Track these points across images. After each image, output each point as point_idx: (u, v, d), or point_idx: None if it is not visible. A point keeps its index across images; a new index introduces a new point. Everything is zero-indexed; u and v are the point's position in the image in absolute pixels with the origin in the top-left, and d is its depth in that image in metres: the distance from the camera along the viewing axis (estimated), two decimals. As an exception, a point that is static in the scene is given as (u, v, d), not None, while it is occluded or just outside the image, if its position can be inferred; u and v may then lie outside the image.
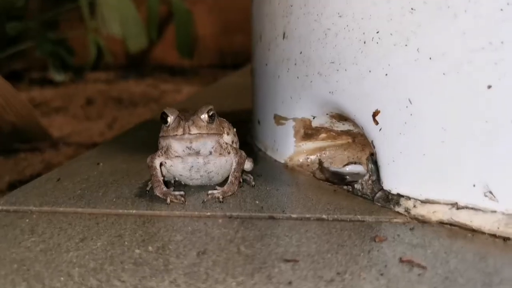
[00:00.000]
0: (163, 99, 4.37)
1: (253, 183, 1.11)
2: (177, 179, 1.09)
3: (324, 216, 0.93)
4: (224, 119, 1.09)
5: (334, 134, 1.21)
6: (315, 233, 0.86)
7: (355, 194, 1.05)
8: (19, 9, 5.72)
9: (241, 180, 1.11)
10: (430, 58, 0.88)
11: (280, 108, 1.25)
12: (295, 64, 1.16)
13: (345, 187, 1.09)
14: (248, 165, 1.14)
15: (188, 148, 0.98)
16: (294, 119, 1.22)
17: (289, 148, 1.25)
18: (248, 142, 1.49)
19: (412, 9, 0.89)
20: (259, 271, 0.72)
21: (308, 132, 1.22)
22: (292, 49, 1.17)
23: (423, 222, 0.91)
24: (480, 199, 0.87)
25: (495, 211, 0.86)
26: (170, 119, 0.95)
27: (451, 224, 0.89)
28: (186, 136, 0.93)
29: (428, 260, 0.75)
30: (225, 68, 4.97)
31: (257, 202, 1.00)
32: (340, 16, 1.02)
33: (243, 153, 1.07)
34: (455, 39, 0.85)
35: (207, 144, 0.99)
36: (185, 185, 1.09)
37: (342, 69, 1.03)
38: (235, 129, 1.12)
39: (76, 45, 5.64)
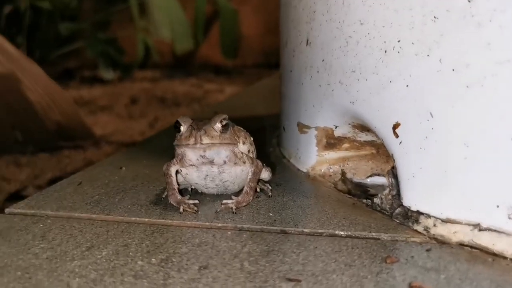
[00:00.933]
0: (206, 99, 4.40)
1: (270, 193, 1.08)
2: (193, 187, 1.08)
3: (337, 232, 0.90)
4: (241, 128, 1.07)
5: (357, 144, 1.17)
6: (324, 250, 0.82)
7: (374, 209, 1.01)
8: (72, 10, 5.91)
9: (258, 190, 1.09)
10: (453, 70, 0.83)
11: (303, 116, 1.22)
12: (318, 71, 1.13)
13: (364, 200, 1.05)
14: (265, 174, 1.12)
15: (202, 157, 0.97)
16: (316, 128, 1.18)
17: (311, 157, 1.22)
18: (274, 149, 1.46)
19: (435, 17, 0.84)
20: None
21: (331, 141, 1.19)
22: (315, 56, 1.14)
23: (442, 242, 0.86)
24: (503, 221, 0.82)
25: (520, 235, 0.80)
26: (183, 128, 0.95)
27: (471, 247, 0.84)
28: (198, 145, 0.92)
29: (439, 287, 0.71)
30: (270, 68, 4.94)
31: (271, 214, 0.98)
32: (361, 24, 0.98)
33: (260, 163, 1.05)
34: (479, 50, 0.80)
35: (221, 154, 0.97)
36: (202, 193, 1.08)
37: (362, 79, 0.99)
38: (252, 138, 1.09)
39: (125, 44, 5.78)
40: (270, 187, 1.11)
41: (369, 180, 1.16)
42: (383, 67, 0.94)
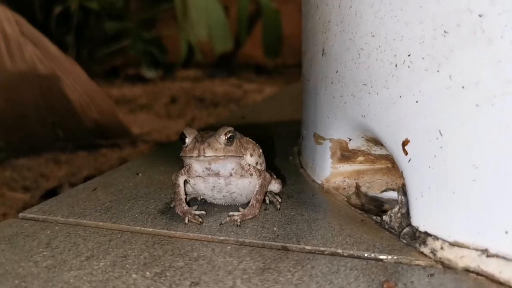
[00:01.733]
0: (244, 99, 4.41)
1: (279, 206, 1.07)
2: (202, 197, 1.08)
3: (339, 251, 0.88)
4: (250, 140, 1.07)
5: (372, 157, 1.14)
6: (321, 270, 0.81)
7: (383, 226, 0.98)
8: (119, 9, 6.05)
9: (268, 202, 1.08)
10: (462, 87, 0.79)
11: (319, 126, 1.20)
12: (332, 82, 1.11)
13: (374, 217, 1.02)
14: (275, 186, 1.10)
15: (208, 169, 0.96)
16: (331, 140, 1.16)
17: (326, 169, 1.19)
18: (294, 157, 1.45)
19: (445, 32, 0.81)
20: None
21: (345, 154, 1.16)
22: (329, 67, 1.11)
23: (448, 267, 0.82)
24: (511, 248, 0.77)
25: (528, 264, 0.76)
26: (188, 139, 0.95)
27: (477, 273, 0.80)
28: (202, 158, 0.92)
29: (434, 317, 0.68)
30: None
31: (275, 228, 0.96)
32: (373, 36, 0.95)
33: (268, 175, 1.04)
34: (490, 68, 0.76)
35: (227, 166, 0.97)
36: (211, 203, 1.08)
37: (374, 92, 0.96)
38: (261, 150, 1.08)
39: (170, 43, 5.89)
40: (279, 200, 1.10)
41: (384, 195, 1.13)
42: (394, 82, 0.91)
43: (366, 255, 0.86)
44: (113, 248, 0.88)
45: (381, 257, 0.86)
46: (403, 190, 0.96)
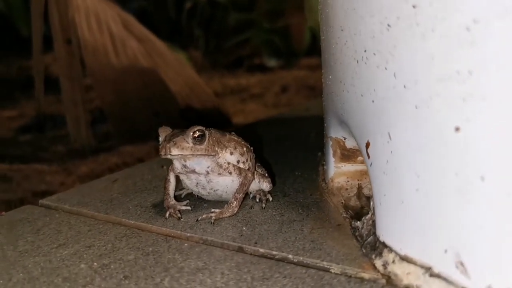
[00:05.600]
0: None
1: (264, 205, 1.06)
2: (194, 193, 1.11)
3: (289, 256, 0.85)
4: (235, 137, 1.06)
5: (370, 158, 1.06)
6: (253, 275, 0.79)
7: (353, 233, 0.92)
8: (245, 1, 6.27)
9: (257, 200, 1.08)
10: (404, 86, 0.72)
11: (325, 125, 1.16)
12: (327, 79, 1.06)
13: (353, 222, 0.96)
14: (264, 185, 1.09)
15: (184, 167, 1.00)
16: (331, 138, 1.11)
17: (330, 168, 1.14)
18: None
19: (388, 25, 0.73)
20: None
21: (345, 153, 1.10)
22: (324, 63, 1.07)
23: (391, 283, 0.76)
24: (452, 269, 0.69)
25: (466, 289, 0.67)
26: (160, 138, 0.99)
27: (416, 294, 0.72)
28: (169, 156, 0.95)
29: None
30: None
31: (244, 228, 0.96)
32: (342, 30, 0.89)
33: (249, 174, 1.03)
34: (425, 65, 0.68)
35: (202, 164, 0.99)
36: (206, 200, 1.10)
37: (346, 90, 0.91)
38: (246, 148, 1.07)
39: (296, 33, 5.94)
40: (270, 198, 1.09)
41: (384, 198, 1.05)
42: (357, 79, 0.85)
43: (314, 263, 0.83)
44: (85, 238, 0.96)
45: (328, 266, 0.81)
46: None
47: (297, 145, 1.56)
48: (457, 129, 0.64)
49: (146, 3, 6.19)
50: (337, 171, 1.13)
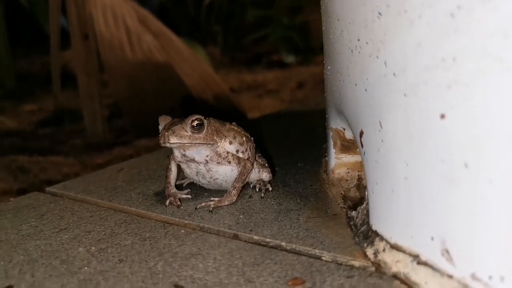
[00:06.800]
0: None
1: (263, 194, 1.07)
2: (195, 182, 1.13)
3: (283, 244, 0.86)
4: (235, 127, 1.08)
5: (369, 149, 1.06)
6: (245, 261, 0.80)
7: (349, 222, 0.93)
8: (263, -4, 6.25)
9: (257, 190, 1.09)
10: (394, 74, 0.72)
11: (326, 116, 1.16)
12: (327, 69, 1.06)
13: (349, 212, 0.96)
14: (264, 175, 1.10)
15: (184, 156, 1.01)
16: (331, 129, 1.12)
17: (331, 159, 1.15)
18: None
19: (379, 13, 0.74)
20: (140, 291, 0.73)
21: (345, 144, 1.11)
22: (325, 52, 1.07)
23: (379, 271, 0.76)
24: (438, 257, 0.69)
25: (451, 277, 0.67)
26: (160, 127, 1.00)
27: (402, 281, 0.73)
28: (168, 145, 0.97)
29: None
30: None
31: (241, 216, 0.98)
32: (338, 20, 0.89)
33: (248, 164, 1.05)
34: (413, 53, 0.68)
35: (201, 152, 1.00)
36: (207, 189, 1.12)
37: (342, 80, 0.91)
38: (245, 138, 1.08)
39: (315, 29, 5.92)
40: (270, 188, 1.10)
41: (383, 189, 1.05)
42: (352, 68, 0.85)
43: (306, 250, 0.83)
44: (86, 223, 0.99)
45: (320, 254, 0.82)
46: (371, 185, 0.89)
47: (303, 138, 1.57)
48: (442, 116, 0.64)
49: (165, 0, 6.25)
50: (338, 162, 1.14)
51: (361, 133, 0.84)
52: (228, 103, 3.30)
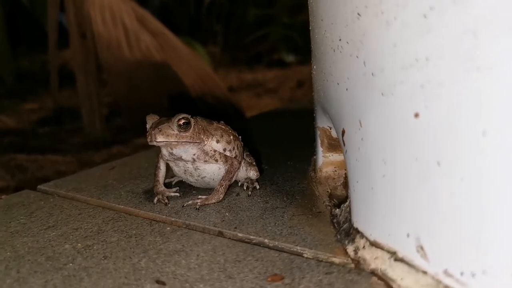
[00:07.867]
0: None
1: (250, 192, 1.08)
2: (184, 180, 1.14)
3: (266, 241, 0.87)
4: (223, 126, 1.09)
5: (355, 148, 1.08)
6: (227, 258, 0.82)
7: (332, 220, 0.94)
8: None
9: (245, 188, 1.10)
10: (372, 74, 0.73)
11: (314, 115, 1.17)
12: (314, 68, 1.08)
13: (333, 210, 0.97)
14: (251, 173, 1.12)
15: (171, 154, 1.02)
16: (318, 128, 1.13)
17: (319, 157, 1.16)
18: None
19: (358, 14, 0.75)
20: (123, 287, 0.74)
21: (332, 142, 1.12)
22: (312, 52, 1.08)
23: (358, 268, 0.77)
24: (413, 254, 0.70)
25: (425, 273, 0.68)
26: (148, 125, 1.02)
27: (379, 278, 0.74)
28: (154, 143, 0.98)
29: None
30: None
31: (227, 214, 0.99)
32: (322, 20, 0.90)
33: (235, 162, 1.06)
34: (389, 53, 0.69)
35: (188, 151, 1.02)
36: (196, 187, 1.13)
37: (326, 79, 0.92)
38: (233, 137, 1.09)
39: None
40: (257, 186, 1.11)
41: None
42: (334, 68, 0.87)
43: (288, 247, 0.85)
44: (75, 221, 1.00)
45: (301, 251, 0.83)
46: (354, 183, 0.90)
47: (296, 136, 1.58)
48: (416, 115, 0.65)
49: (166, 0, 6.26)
50: (325, 161, 1.15)
51: (343, 132, 0.85)
52: (226, 102, 3.31)
